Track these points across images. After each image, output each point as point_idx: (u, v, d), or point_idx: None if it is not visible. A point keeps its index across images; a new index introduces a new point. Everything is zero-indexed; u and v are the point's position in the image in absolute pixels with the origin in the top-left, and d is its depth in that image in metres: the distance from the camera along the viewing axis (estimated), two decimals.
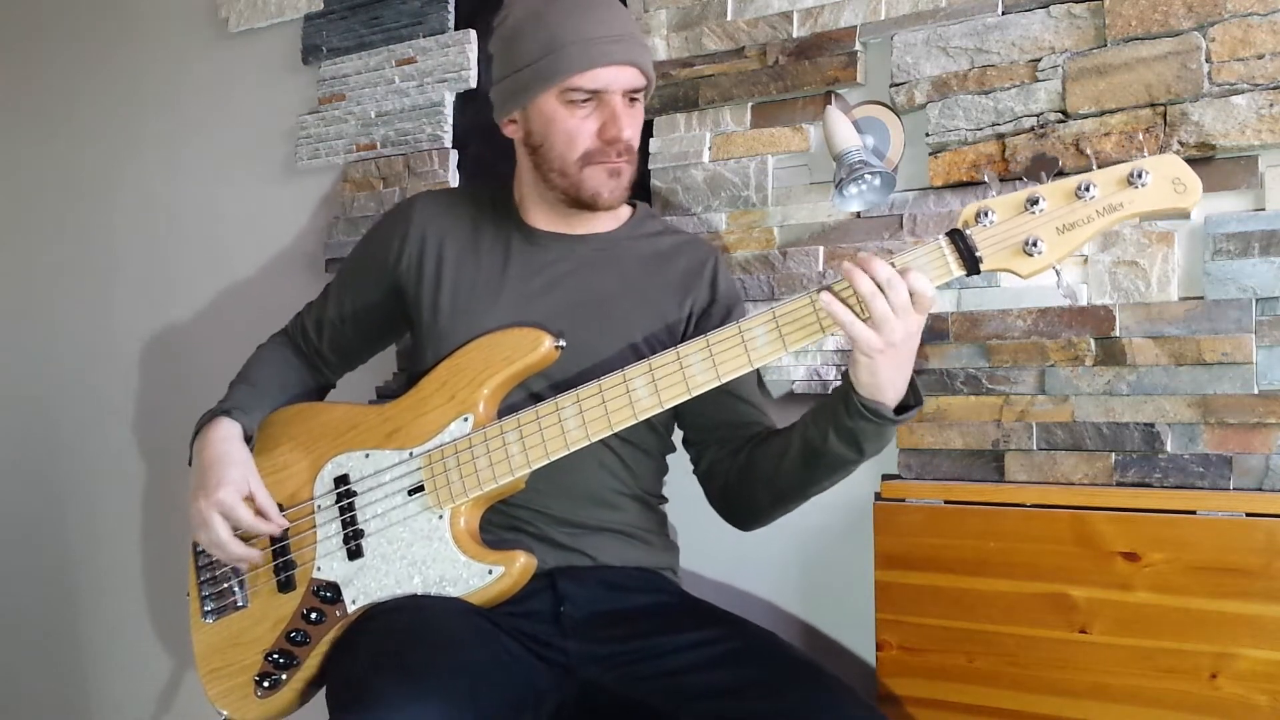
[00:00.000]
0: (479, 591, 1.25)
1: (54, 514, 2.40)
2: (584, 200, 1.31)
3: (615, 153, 1.29)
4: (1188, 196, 1.05)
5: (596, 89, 1.26)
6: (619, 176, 1.31)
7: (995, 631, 1.36)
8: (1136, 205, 1.07)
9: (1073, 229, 1.08)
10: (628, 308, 1.36)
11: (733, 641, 1.25)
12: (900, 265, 1.09)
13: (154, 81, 2.29)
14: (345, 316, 1.49)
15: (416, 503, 1.29)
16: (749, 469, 1.30)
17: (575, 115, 1.28)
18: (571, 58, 1.24)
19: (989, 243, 1.09)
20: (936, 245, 1.11)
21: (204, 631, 1.40)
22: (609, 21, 1.27)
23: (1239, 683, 1.23)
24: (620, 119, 1.27)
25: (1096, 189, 1.07)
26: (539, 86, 1.27)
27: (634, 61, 1.28)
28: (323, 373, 1.55)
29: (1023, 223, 1.09)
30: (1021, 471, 1.43)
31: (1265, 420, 1.29)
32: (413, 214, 1.43)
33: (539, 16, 1.27)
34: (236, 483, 1.33)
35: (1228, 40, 1.31)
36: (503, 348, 1.30)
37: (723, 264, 1.45)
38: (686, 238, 1.47)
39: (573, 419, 1.23)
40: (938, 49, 1.49)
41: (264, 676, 1.33)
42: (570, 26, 1.25)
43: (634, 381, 1.20)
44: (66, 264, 2.41)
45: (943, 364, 1.47)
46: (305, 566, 1.34)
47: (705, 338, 1.18)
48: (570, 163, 1.29)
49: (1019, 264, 1.09)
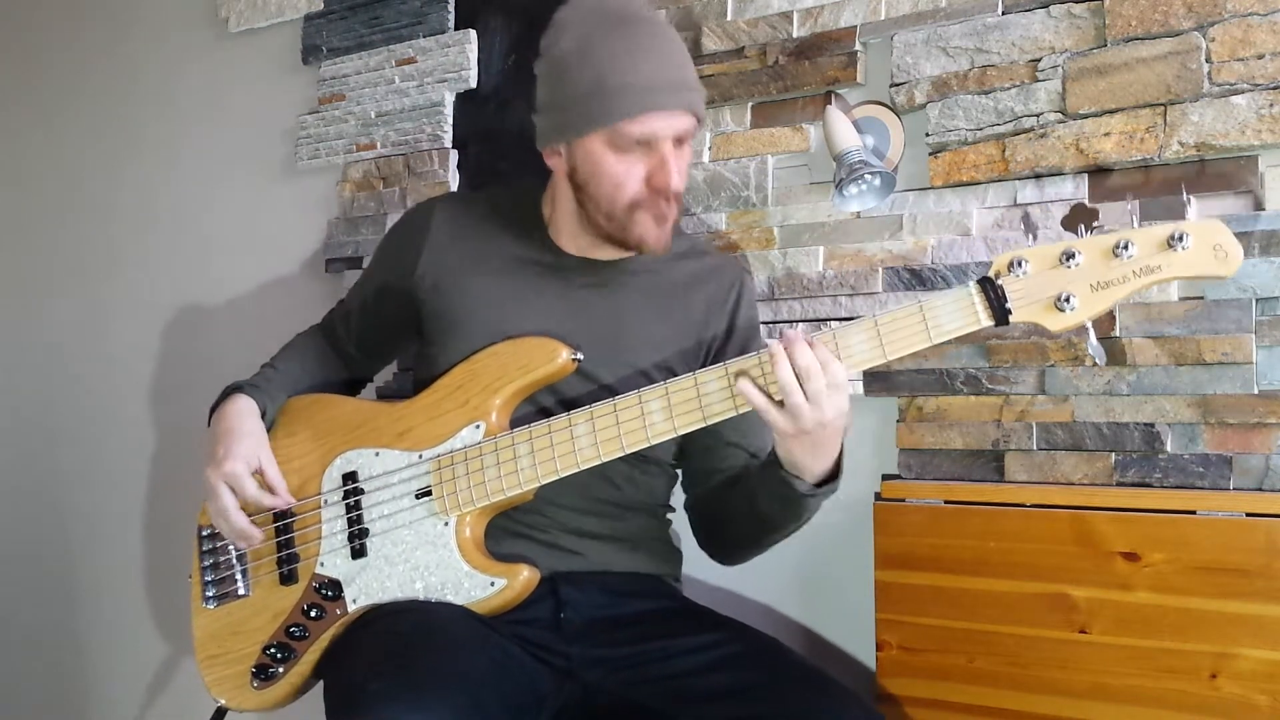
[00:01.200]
0: (481, 602, 1.25)
1: (53, 513, 2.40)
2: (630, 244, 1.28)
3: (663, 200, 1.24)
4: (1228, 264, 1.03)
5: (645, 137, 1.21)
6: (665, 222, 1.26)
7: (995, 631, 1.36)
8: (1175, 269, 1.05)
9: (1107, 288, 1.06)
10: (648, 336, 1.34)
11: (734, 645, 1.25)
12: (825, 340, 1.10)
13: (154, 81, 2.29)
14: (367, 310, 1.48)
15: (423, 507, 1.29)
16: (721, 509, 1.35)
17: (623, 161, 1.22)
18: (622, 103, 1.19)
19: (1020, 295, 1.08)
20: (966, 293, 1.10)
21: (204, 616, 1.40)
22: (662, 65, 1.21)
23: (1239, 683, 1.23)
24: (669, 168, 1.22)
25: (1135, 248, 1.05)
26: (586, 126, 1.22)
27: (687, 108, 1.23)
28: (352, 367, 1.55)
29: (1057, 277, 1.07)
30: (1021, 471, 1.43)
31: (1265, 420, 1.29)
32: (432, 219, 1.41)
33: (588, 50, 1.20)
34: (246, 456, 1.33)
35: (1228, 40, 1.31)
36: (519, 356, 1.29)
37: (748, 292, 1.43)
38: (714, 261, 1.43)
39: (585, 436, 1.22)
40: (938, 49, 1.49)
41: (261, 669, 1.33)
42: (622, 68, 1.19)
43: (650, 404, 1.19)
44: (66, 264, 2.41)
45: (943, 364, 1.47)
46: (309, 561, 1.34)
47: (724, 365, 1.17)
48: (618, 208, 1.25)
49: (1049, 319, 1.08)
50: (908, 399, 1.50)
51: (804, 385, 1.08)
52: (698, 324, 1.37)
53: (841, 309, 1.54)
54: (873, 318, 1.13)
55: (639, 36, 1.21)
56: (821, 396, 1.08)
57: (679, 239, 1.42)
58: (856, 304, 1.53)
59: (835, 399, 1.09)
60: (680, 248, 1.40)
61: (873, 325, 1.12)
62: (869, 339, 1.12)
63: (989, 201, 1.46)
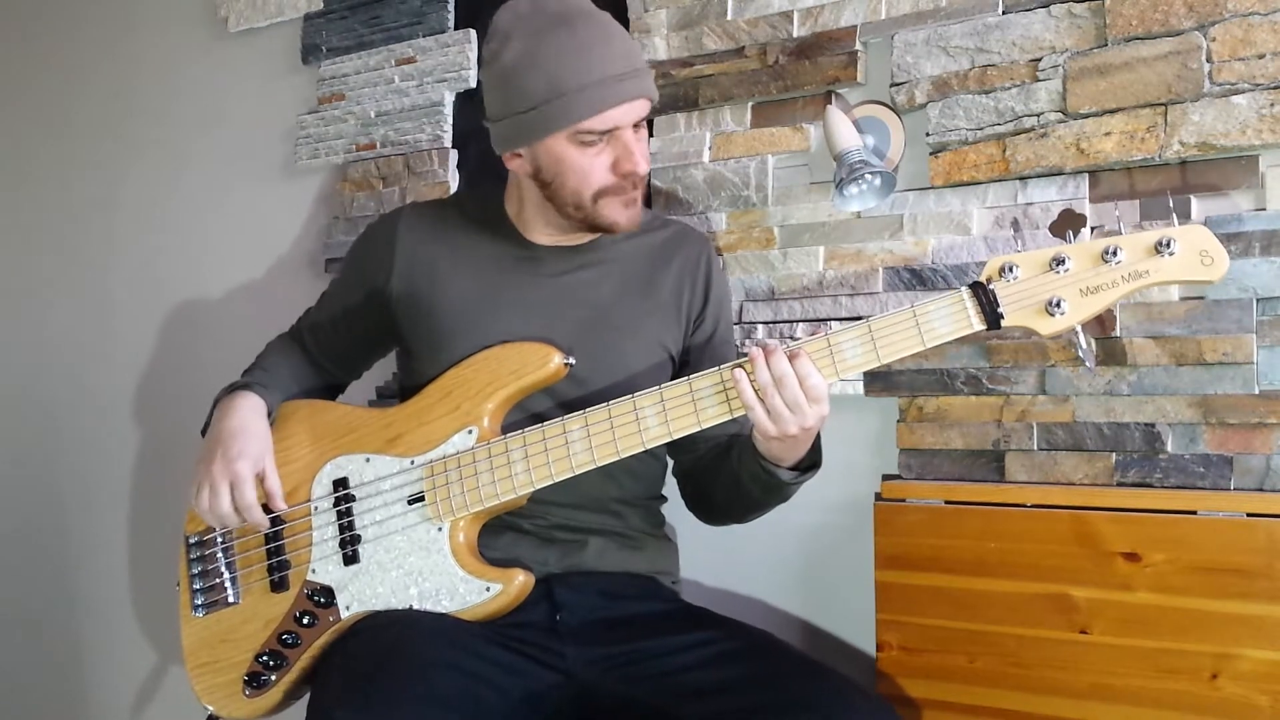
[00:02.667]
0: (475, 608, 1.25)
1: (53, 513, 2.40)
2: (602, 228, 1.31)
3: (630, 184, 1.28)
4: (1214, 270, 1.05)
5: (608, 129, 1.24)
6: (634, 205, 1.30)
7: (996, 632, 1.36)
8: (1162, 274, 1.07)
9: (1097, 292, 1.08)
10: (628, 314, 1.36)
11: (732, 642, 1.25)
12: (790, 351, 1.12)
13: (153, 81, 2.29)
14: (338, 327, 1.48)
15: (416, 512, 1.28)
16: (709, 480, 1.36)
17: (586, 154, 1.25)
18: (580, 104, 1.21)
19: (1011, 299, 1.10)
20: (959, 297, 1.12)
21: (193, 625, 1.39)
22: (611, 57, 1.22)
23: (1240, 683, 1.23)
24: (634, 153, 1.25)
25: (1124, 254, 1.07)
26: (546, 130, 1.24)
27: (642, 94, 1.25)
28: (326, 375, 1.54)
29: (1047, 282, 1.09)
30: (1022, 471, 1.43)
31: (1266, 420, 1.29)
32: (398, 229, 1.41)
33: (536, 55, 1.22)
34: (255, 458, 1.32)
35: (1228, 40, 1.30)
36: (510, 362, 1.29)
37: (715, 259, 1.47)
38: (677, 228, 1.47)
39: (579, 441, 1.22)
40: (938, 49, 1.49)
41: (253, 677, 1.33)
42: (574, 68, 1.20)
43: (644, 410, 1.20)
44: (66, 263, 2.40)
45: (943, 364, 1.47)
46: (300, 568, 1.33)
47: (719, 370, 1.18)
48: (586, 198, 1.28)
49: (1040, 323, 1.10)
50: (908, 399, 1.50)
51: (781, 392, 1.11)
52: (674, 291, 1.40)
53: (842, 309, 1.54)
54: (866, 321, 1.14)
55: (582, 32, 1.22)
56: (802, 405, 1.12)
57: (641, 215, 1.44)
58: (857, 304, 1.53)
59: (816, 409, 1.13)
60: (642, 222, 1.42)
61: (866, 329, 1.14)
62: (862, 342, 1.14)
63: (989, 201, 1.46)
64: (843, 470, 1.54)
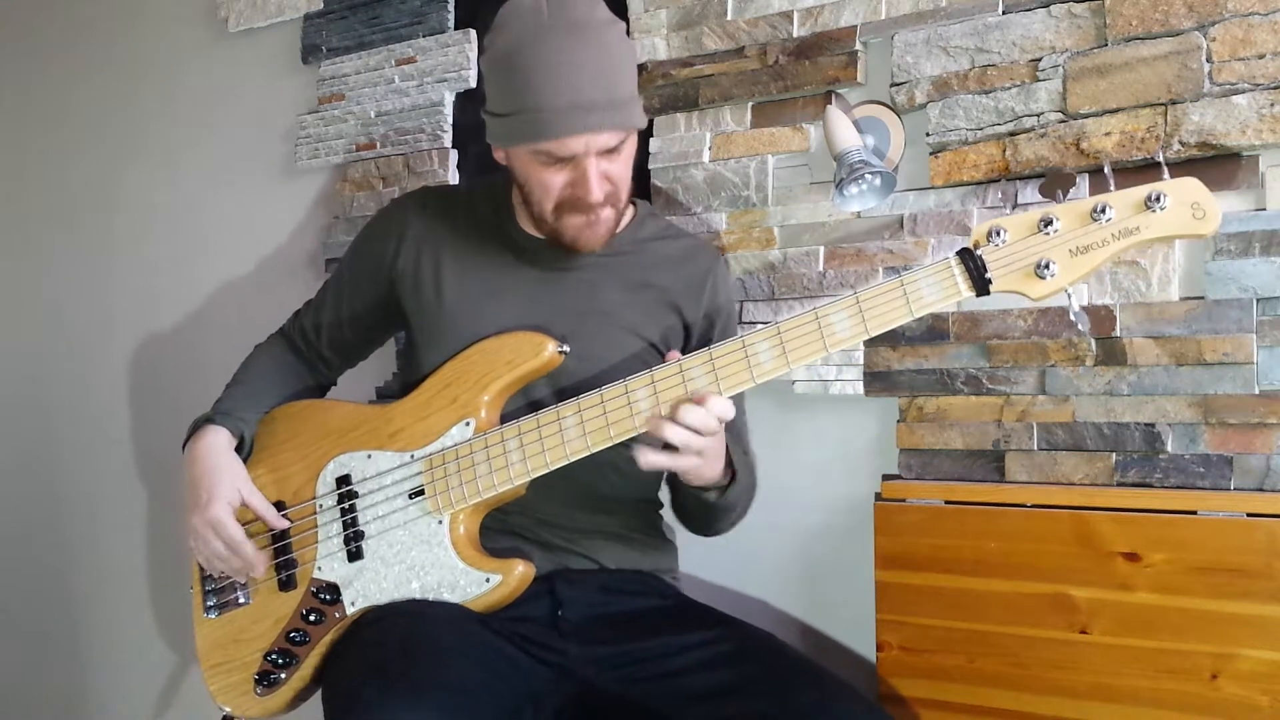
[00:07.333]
0: (477, 599, 1.25)
1: (53, 514, 2.40)
2: (564, 244, 1.29)
3: (587, 207, 1.24)
4: (1206, 223, 1.03)
5: (565, 156, 1.20)
6: (596, 225, 1.26)
7: (996, 632, 1.36)
8: (1153, 230, 1.04)
9: (1087, 252, 1.06)
10: (628, 316, 1.36)
11: (732, 642, 1.25)
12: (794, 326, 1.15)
13: (153, 81, 2.29)
14: (343, 317, 1.48)
15: (417, 506, 1.29)
16: (674, 492, 1.39)
17: (547, 171, 1.22)
18: (539, 126, 1.18)
19: (1000, 263, 1.08)
20: (946, 264, 1.10)
21: (206, 626, 1.41)
22: (583, 84, 1.17)
23: (1240, 683, 1.23)
24: (590, 182, 1.21)
25: (1113, 211, 1.05)
26: (511, 140, 1.23)
27: (610, 127, 1.20)
28: (321, 372, 1.54)
29: (1036, 244, 1.07)
30: (1022, 471, 1.43)
31: (1266, 420, 1.29)
32: (408, 214, 1.42)
33: (515, 59, 1.18)
34: (227, 495, 1.34)
35: (1228, 40, 1.30)
36: (505, 352, 1.29)
37: (724, 273, 1.44)
38: (689, 243, 1.45)
39: (573, 428, 1.22)
40: (938, 49, 1.49)
41: (264, 675, 1.33)
42: (541, 87, 1.16)
43: (636, 393, 1.19)
44: (65, 264, 2.41)
45: (943, 364, 1.47)
46: (306, 566, 1.34)
47: (709, 350, 1.17)
48: (547, 211, 1.26)
49: (1030, 286, 1.07)
50: (908, 399, 1.50)
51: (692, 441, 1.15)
52: (673, 304, 1.38)
53: None
54: (854, 294, 1.13)
55: (567, 48, 1.17)
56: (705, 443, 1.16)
57: (653, 220, 1.44)
58: None
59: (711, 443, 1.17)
60: (653, 231, 1.42)
61: (854, 302, 1.13)
62: (850, 315, 1.13)
63: (989, 201, 1.46)
64: (843, 470, 1.54)
